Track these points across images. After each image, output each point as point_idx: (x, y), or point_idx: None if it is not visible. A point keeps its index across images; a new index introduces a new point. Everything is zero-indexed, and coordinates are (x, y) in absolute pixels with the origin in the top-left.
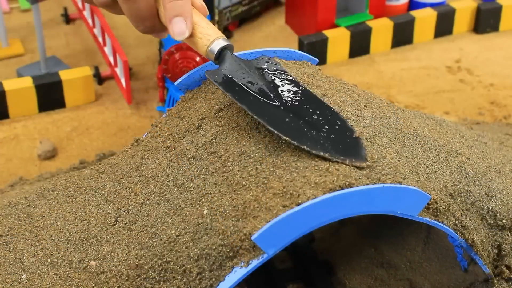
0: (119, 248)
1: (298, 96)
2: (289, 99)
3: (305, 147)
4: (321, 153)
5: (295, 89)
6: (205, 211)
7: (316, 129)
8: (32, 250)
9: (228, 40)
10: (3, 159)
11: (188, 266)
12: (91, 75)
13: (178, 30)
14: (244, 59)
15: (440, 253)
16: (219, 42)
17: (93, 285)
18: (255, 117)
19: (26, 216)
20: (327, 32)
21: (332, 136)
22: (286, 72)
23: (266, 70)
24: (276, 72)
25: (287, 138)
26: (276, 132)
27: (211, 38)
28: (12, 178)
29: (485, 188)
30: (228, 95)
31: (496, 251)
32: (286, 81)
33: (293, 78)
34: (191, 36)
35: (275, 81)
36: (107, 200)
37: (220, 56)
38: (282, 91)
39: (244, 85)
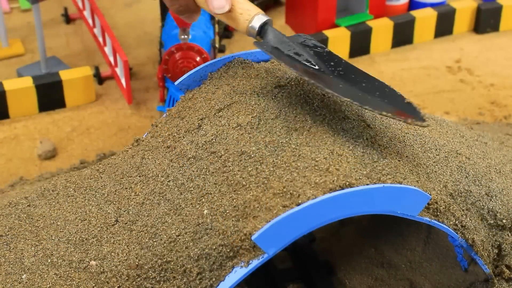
0: (119, 248)
1: (342, 67)
2: (335, 70)
3: (367, 107)
4: (384, 113)
5: (337, 61)
6: (205, 211)
7: (370, 93)
8: (32, 250)
9: (267, 15)
10: (4, 159)
11: (188, 266)
12: (91, 75)
13: (217, 3)
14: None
15: (440, 253)
16: (260, 17)
17: (93, 285)
18: (311, 81)
19: (27, 216)
20: (327, 32)
21: (386, 100)
22: (324, 47)
23: (307, 45)
24: (316, 48)
25: (349, 99)
26: (336, 94)
27: (252, 13)
28: (13, 178)
29: (485, 188)
30: (281, 62)
31: (496, 251)
32: (327, 54)
33: (331, 51)
34: (230, 11)
35: (318, 53)
36: (107, 200)
37: (261, 31)
38: (326, 63)
39: (292, 56)
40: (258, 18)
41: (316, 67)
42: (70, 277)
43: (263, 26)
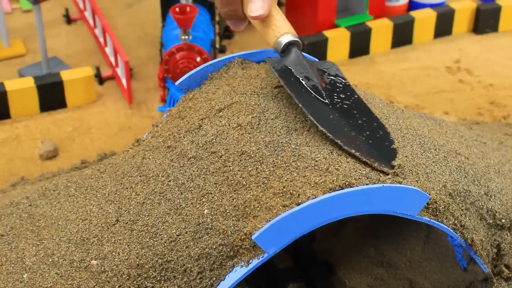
0: (120, 248)
1: (350, 102)
2: (340, 101)
3: (339, 141)
4: (352, 151)
5: (349, 94)
6: (206, 211)
7: (357, 131)
8: (33, 249)
9: (297, 37)
10: (5, 159)
11: (189, 266)
12: (92, 75)
13: (255, 6)
14: (309, 59)
15: (439, 252)
16: (288, 36)
17: (94, 284)
18: (299, 105)
19: (28, 216)
20: (327, 33)
21: (370, 141)
22: (345, 78)
23: (327, 72)
24: (335, 77)
25: (324, 130)
26: (315, 121)
27: (282, 32)
28: (14, 178)
29: (484, 188)
30: (281, 81)
31: (496, 251)
32: (342, 86)
33: (350, 85)
34: (265, 25)
35: (332, 83)
36: (108, 200)
37: (286, 49)
38: (335, 93)
39: (299, 78)
40: (286, 36)
41: (322, 94)
42: (71, 276)
43: (288, 45)
